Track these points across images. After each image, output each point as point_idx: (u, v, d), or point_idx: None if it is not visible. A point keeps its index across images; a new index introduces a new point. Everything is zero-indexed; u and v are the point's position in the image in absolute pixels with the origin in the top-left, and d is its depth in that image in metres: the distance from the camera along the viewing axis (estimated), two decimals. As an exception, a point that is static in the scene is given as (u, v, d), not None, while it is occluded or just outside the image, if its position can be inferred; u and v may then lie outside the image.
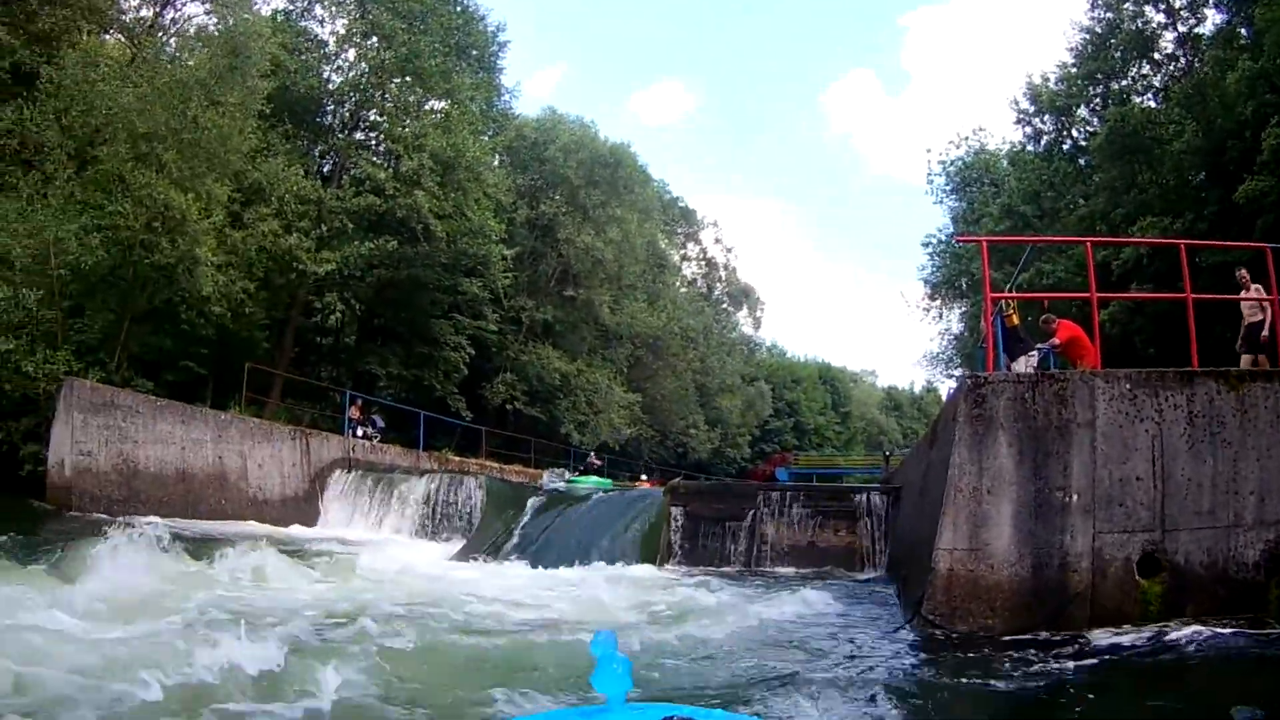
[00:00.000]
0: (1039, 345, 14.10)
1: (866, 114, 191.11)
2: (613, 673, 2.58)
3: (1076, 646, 8.24)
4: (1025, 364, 13.46)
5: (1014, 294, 16.68)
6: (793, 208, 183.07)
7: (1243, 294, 13.60)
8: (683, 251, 61.03)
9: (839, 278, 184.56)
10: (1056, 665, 7.84)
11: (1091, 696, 6.88)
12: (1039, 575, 8.92)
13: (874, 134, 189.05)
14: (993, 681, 7.36)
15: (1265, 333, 13.13)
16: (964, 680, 7.44)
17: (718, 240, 63.65)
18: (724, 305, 64.01)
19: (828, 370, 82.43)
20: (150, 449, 18.26)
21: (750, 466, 59.86)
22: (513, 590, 12.19)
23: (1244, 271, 13.79)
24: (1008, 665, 7.82)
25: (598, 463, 21.10)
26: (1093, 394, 9.20)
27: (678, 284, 55.62)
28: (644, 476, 33.22)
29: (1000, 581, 8.93)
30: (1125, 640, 8.33)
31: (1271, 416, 9.18)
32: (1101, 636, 8.43)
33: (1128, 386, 9.24)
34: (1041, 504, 9.01)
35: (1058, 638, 8.47)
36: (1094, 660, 7.91)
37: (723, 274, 63.50)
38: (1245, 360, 13.31)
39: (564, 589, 12.70)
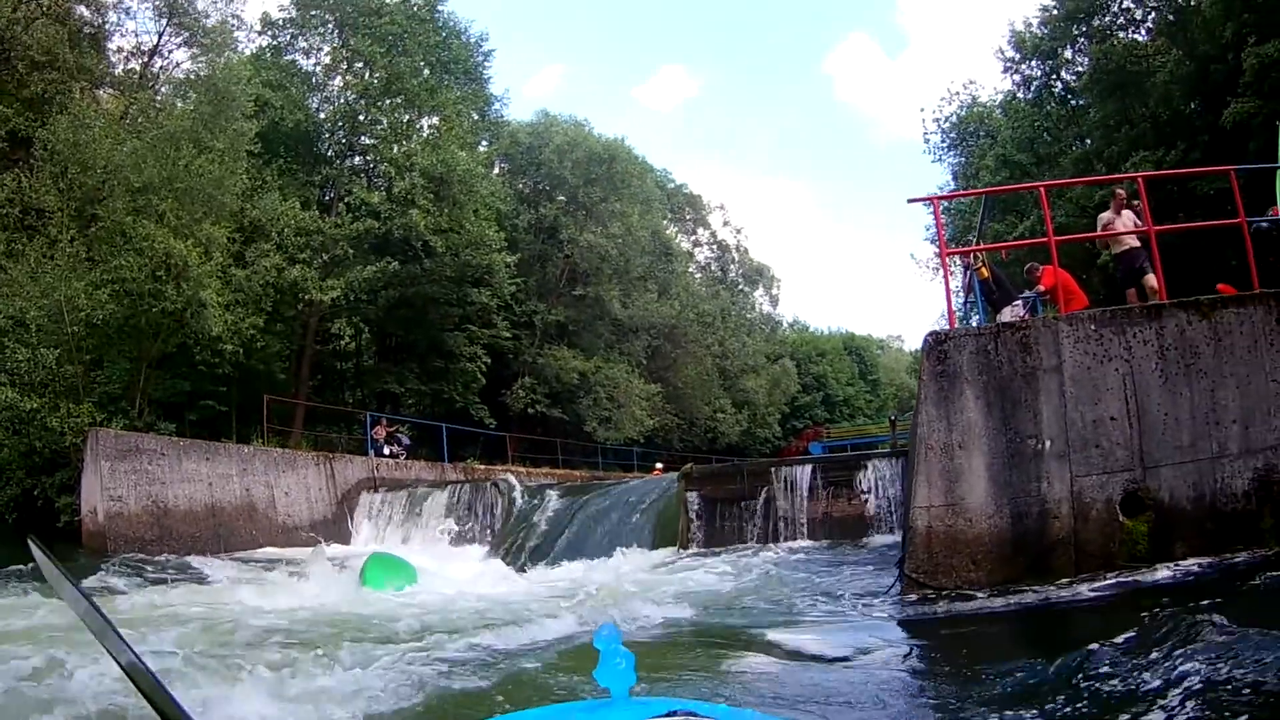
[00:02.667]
0: (1024, 294, 14.11)
1: (868, 79, 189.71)
2: (615, 667, 2.60)
3: (1059, 594, 8.31)
4: (1010, 314, 13.29)
5: (977, 247, 16.66)
6: (803, 181, 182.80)
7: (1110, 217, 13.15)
8: (693, 237, 60.97)
9: (856, 247, 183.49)
10: (1035, 615, 7.96)
11: (1065, 647, 6.82)
12: (1019, 525, 8.99)
13: (877, 98, 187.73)
14: (968, 632, 7.60)
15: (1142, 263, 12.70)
16: (940, 634, 7.63)
17: (726, 223, 63.59)
18: (740, 287, 63.75)
19: (852, 340, 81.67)
20: (179, 488, 18.67)
21: (783, 444, 59.78)
22: (518, 593, 12.50)
23: (1122, 192, 13.41)
24: (986, 617, 8.05)
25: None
26: (1057, 338, 9.23)
27: (690, 270, 55.55)
28: (658, 465, 33.57)
29: (980, 534, 9.02)
30: (1109, 583, 8.36)
31: (1249, 342, 9.14)
32: (1086, 583, 8.44)
33: (1093, 327, 9.24)
34: (1014, 453, 9.07)
35: (1041, 588, 8.50)
36: (1076, 606, 7.96)
37: (735, 255, 63.34)
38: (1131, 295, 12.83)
39: (574, 584, 12.99)
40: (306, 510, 20.97)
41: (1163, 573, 8.43)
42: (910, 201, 36.90)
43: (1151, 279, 12.24)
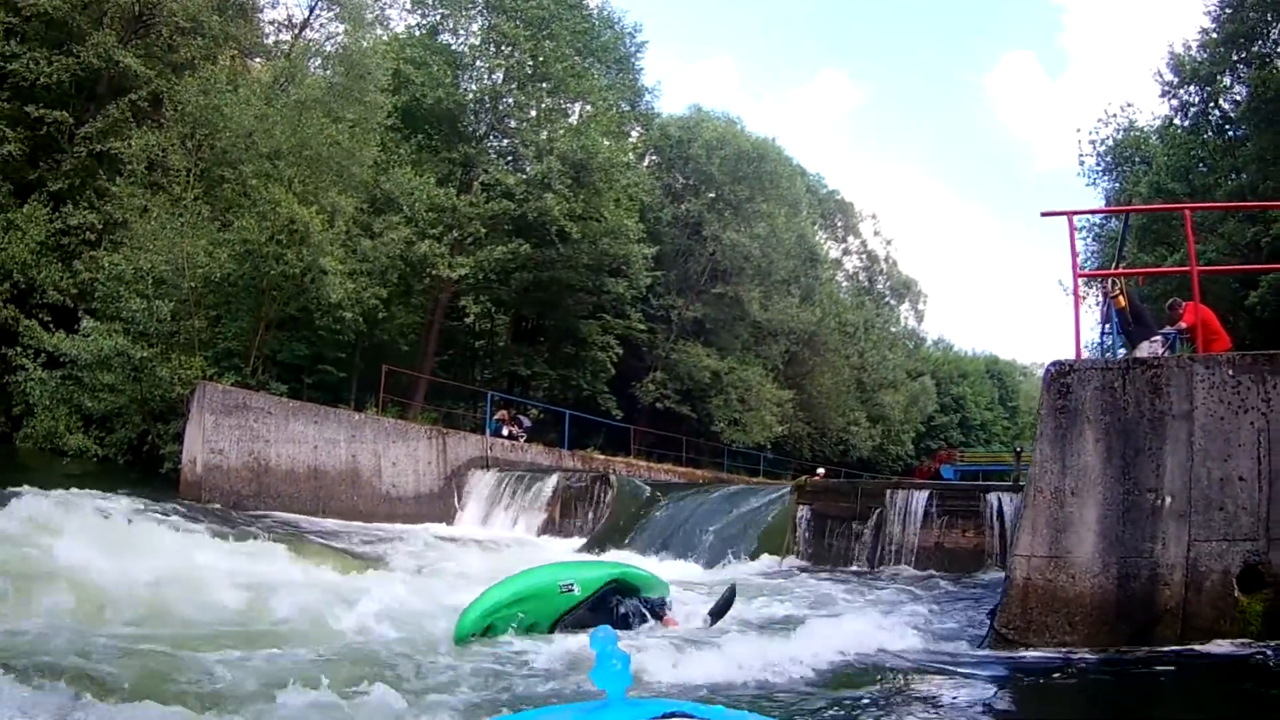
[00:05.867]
0: (1164, 330, 13.06)
1: (1029, 100, 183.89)
2: (612, 668, 2.64)
3: (1164, 667, 7.35)
4: (1148, 350, 12.27)
5: (1113, 271, 15.48)
6: (957, 198, 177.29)
7: None
8: (843, 245, 59.75)
9: (1006, 270, 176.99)
10: (1139, 687, 7.09)
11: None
12: (1124, 588, 7.97)
13: (1036, 120, 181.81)
14: (1058, 706, 6.73)
15: None
16: (1021, 703, 6.80)
17: (877, 233, 62.03)
18: (886, 299, 62.38)
19: (995, 363, 78.73)
20: (282, 447, 19.08)
21: (915, 464, 58.22)
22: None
23: None
24: (1080, 687, 7.11)
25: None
26: (1191, 381, 8.10)
27: (838, 278, 54.55)
28: (819, 471, 32.98)
29: (1082, 593, 8.04)
30: (1218, 656, 7.33)
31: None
32: (1193, 658, 7.40)
33: (1230, 372, 8.06)
34: (1130, 507, 8.03)
35: (1143, 655, 7.56)
36: (1182, 683, 7.05)
37: (884, 267, 61.91)
38: None
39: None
40: (413, 483, 21.18)
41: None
42: (1044, 215, 34.70)
43: None
